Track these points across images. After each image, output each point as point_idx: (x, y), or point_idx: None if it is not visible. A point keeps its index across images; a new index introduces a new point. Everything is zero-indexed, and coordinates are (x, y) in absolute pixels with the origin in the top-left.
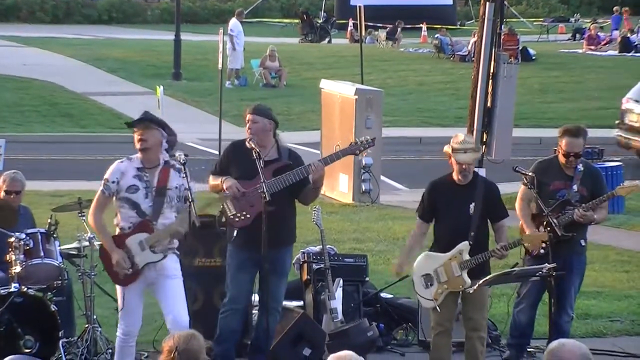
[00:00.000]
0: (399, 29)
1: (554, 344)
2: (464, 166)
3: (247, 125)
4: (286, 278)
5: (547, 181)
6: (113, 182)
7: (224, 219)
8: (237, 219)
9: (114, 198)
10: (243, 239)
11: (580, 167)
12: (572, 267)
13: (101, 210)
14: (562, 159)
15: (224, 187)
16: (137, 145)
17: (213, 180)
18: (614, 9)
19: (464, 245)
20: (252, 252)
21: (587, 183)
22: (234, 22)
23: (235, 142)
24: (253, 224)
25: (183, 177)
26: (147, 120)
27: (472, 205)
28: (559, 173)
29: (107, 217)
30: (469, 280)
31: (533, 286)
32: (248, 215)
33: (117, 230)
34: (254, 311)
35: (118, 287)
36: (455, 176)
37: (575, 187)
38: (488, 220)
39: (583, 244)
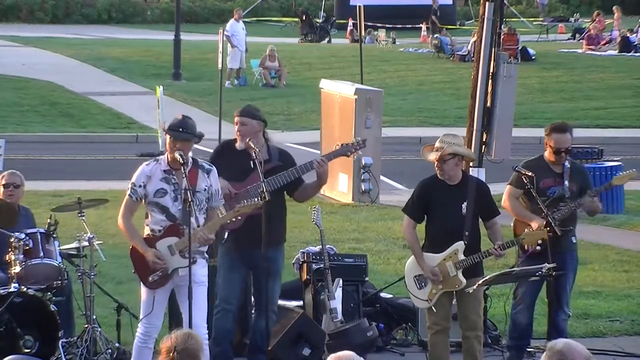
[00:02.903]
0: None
1: (560, 343)
2: (434, 163)
3: (236, 127)
4: (279, 278)
5: (536, 179)
6: (140, 186)
7: None
8: (228, 221)
9: (143, 202)
10: (234, 239)
11: (567, 164)
12: (566, 265)
13: (130, 213)
14: (551, 157)
15: None
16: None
17: None
18: None
19: (459, 245)
20: (242, 252)
21: (576, 179)
22: (230, 23)
23: (225, 142)
24: (243, 225)
25: (206, 176)
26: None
27: (464, 205)
28: (547, 171)
29: (136, 216)
30: (464, 280)
31: (529, 287)
32: (239, 217)
33: (147, 231)
34: (253, 311)
35: (144, 290)
36: None
37: (566, 183)
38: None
39: (574, 241)
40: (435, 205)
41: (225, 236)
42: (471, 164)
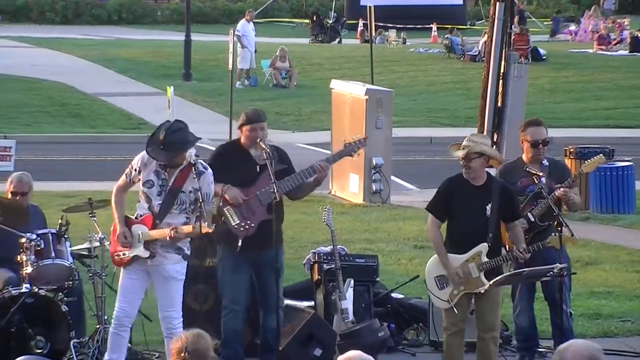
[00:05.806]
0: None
1: (563, 344)
2: (460, 161)
3: (256, 134)
4: (282, 276)
5: (515, 180)
6: (135, 169)
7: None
8: (242, 229)
9: (135, 185)
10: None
11: (545, 162)
12: (552, 263)
13: (122, 191)
14: (529, 154)
15: (227, 198)
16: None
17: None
18: None
19: (483, 247)
20: (247, 254)
21: (554, 176)
22: (241, 23)
23: (228, 145)
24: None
25: (194, 178)
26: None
27: (488, 207)
28: (525, 171)
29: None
30: (487, 282)
31: (523, 289)
32: (252, 224)
33: (136, 212)
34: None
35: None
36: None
37: (544, 180)
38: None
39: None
40: (460, 205)
41: (239, 244)
42: None
